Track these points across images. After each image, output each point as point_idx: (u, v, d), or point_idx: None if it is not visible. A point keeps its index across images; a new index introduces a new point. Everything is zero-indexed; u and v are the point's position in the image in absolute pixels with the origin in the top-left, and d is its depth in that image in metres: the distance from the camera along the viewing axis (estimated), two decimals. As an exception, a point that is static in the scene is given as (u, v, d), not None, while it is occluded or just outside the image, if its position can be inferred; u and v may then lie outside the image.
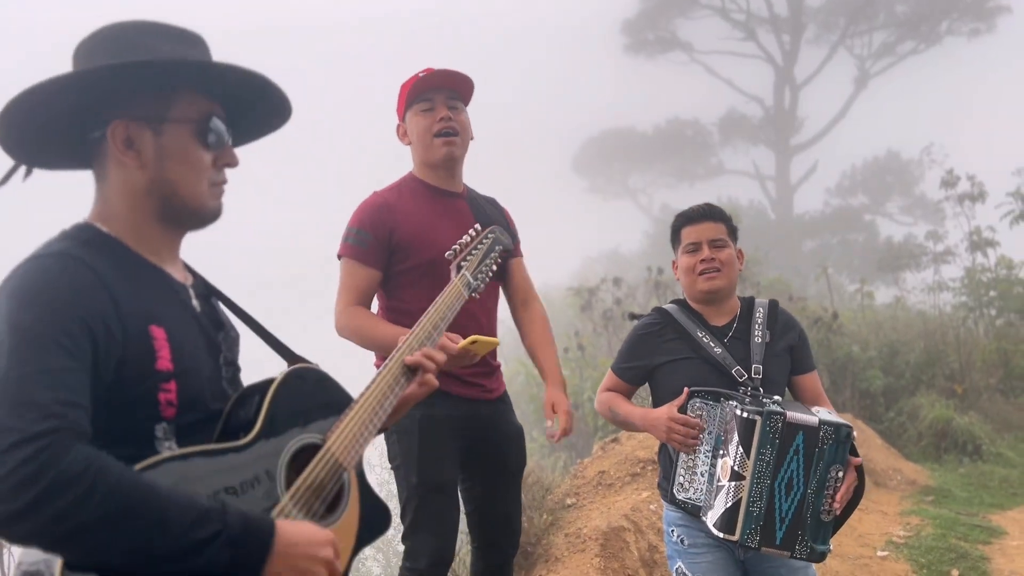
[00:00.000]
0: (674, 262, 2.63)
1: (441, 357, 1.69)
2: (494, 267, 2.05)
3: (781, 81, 33.86)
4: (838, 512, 2.23)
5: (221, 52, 1.44)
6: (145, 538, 1.06)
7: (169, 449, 1.26)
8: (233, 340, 1.52)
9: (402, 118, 2.78)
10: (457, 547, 4.05)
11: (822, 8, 33.43)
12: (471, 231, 2.04)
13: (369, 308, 2.66)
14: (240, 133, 1.50)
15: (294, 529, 1.22)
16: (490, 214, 2.84)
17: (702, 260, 2.46)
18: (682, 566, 2.43)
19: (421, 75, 2.67)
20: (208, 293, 1.53)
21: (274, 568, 1.17)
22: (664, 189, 35.73)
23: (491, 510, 2.79)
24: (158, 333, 1.28)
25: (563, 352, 10.60)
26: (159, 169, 1.35)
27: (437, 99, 2.67)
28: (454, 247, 2.00)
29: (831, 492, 2.21)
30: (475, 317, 2.66)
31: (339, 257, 2.66)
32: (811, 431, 2.19)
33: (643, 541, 4.06)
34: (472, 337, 2.10)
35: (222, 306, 1.55)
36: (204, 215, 1.42)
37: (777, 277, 14.60)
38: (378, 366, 2.72)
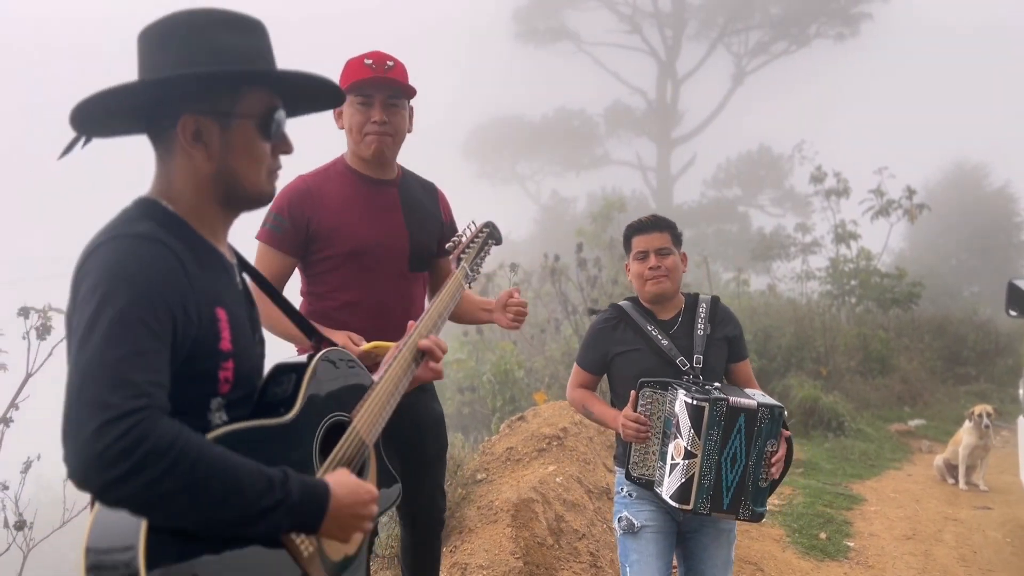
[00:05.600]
0: (627, 265, 2.93)
1: (445, 346, 1.85)
2: (486, 258, 2.18)
3: (664, 75, 34.96)
4: (775, 477, 2.58)
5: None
6: (221, 503, 1.18)
7: (220, 419, 1.37)
8: (258, 317, 1.61)
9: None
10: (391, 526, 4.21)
11: (703, 5, 34.69)
12: (470, 225, 2.16)
13: (281, 292, 2.51)
14: (295, 110, 1.56)
15: (345, 490, 1.35)
16: (422, 201, 2.84)
17: (650, 268, 2.76)
18: (626, 514, 2.73)
19: (368, 62, 2.60)
20: (243, 270, 1.59)
21: (327, 526, 1.32)
22: (552, 177, 36.39)
23: (412, 490, 2.78)
24: (221, 315, 1.38)
25: (463, 335, 10.80)
26: (224, 160, 1.41)
27: (376, 97, 2.62)
28: (454, 239, 2.10)
29: (767, 463, 2.55)
30: (413, 301, 2.78)
31: (257, 239, 2.65)
32: (751, 413, 2.52)
33: (550, 511, 4.31)
34: (374, 343, 2.29)
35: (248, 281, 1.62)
36: (261, 200, 1.49)
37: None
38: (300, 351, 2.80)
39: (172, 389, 1.24)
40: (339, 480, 1.37)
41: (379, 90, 2.62)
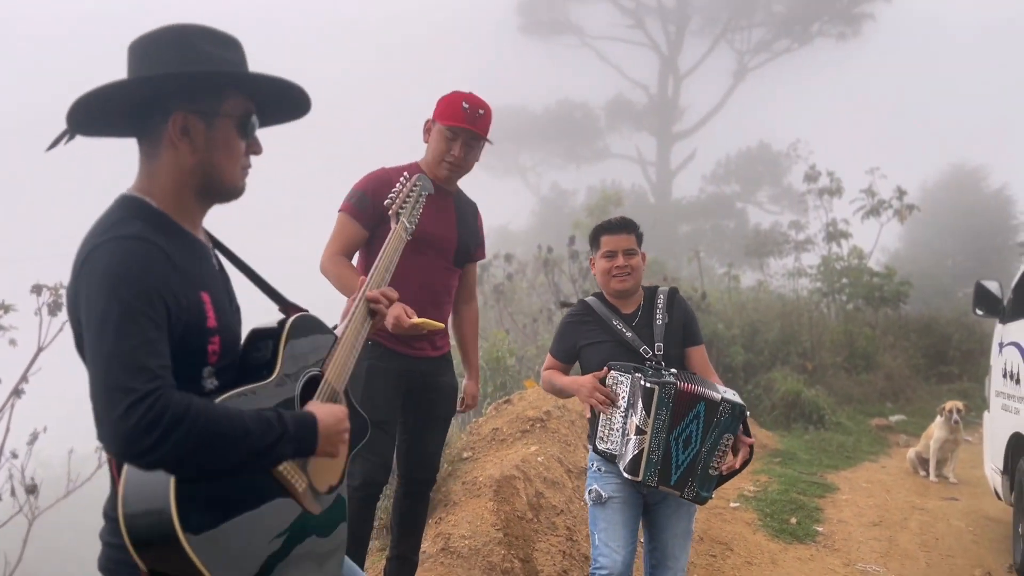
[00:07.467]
0: (591, 259, 3.20)
1: (394, 294, 2.06)
2: (421, 210, 2.41)
3: (665, 70, 35.10)
4: (723, 472, 2.84)
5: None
6: (235, 446, 1.41)
7: (212, 384, 1.61)
8: (232, 289, 1.82)
9: (433, 119, 3.19)
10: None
11: (706, 2, 34.78)
12: (402, 177, 2.39)
13: (351, 260, 3.11)
14: (265, 121, 1.75)
15: (325, 412, 1.62)
16: (468, 216, 3.33)
17: (617, 266, 3.03)
18: (596, 487, 2.99)
19: (465, 107, 3.09)
20: (215, 248, 1.77)
21: (322, 445, 1.59)
22: (553, 169, 36.58)
23: (416, 447, 3.31)
24: (206, 298, 1.58)
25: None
26: (206, 153, 1.60)
27: (461, 135, 3.12)
28: (391, 195, 2.33)
29: (721, 453, 2.81)
30: (451, 291, 3.27)
31: (339, 212, 3.11)
32: (712, 404, 2.78)
33: (531, 488, 4.57)
34: (422, 319, 2.64)
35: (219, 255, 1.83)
36: (234, 192, 1.69)
37: (653, 258, 15.47)
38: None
39: (172, 364, 1.46)
40: (317, 407, 1.64)
41: (465, 133, 3.12)
